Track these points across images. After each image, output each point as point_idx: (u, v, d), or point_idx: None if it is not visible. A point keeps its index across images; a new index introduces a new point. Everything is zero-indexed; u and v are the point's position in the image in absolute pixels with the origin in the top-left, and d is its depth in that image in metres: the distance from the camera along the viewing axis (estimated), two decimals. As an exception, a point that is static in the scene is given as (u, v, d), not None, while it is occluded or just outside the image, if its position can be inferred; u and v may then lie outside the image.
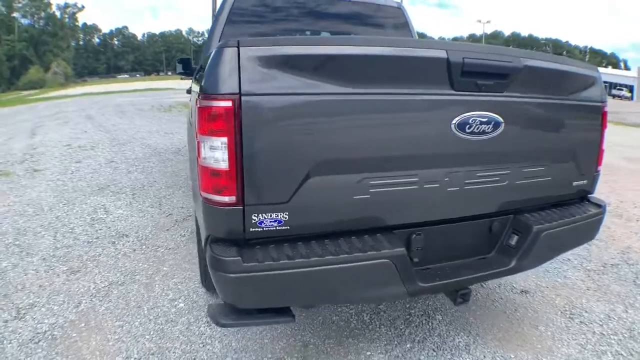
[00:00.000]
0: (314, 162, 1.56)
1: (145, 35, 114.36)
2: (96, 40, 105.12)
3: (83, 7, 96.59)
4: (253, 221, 1.55)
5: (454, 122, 1.71)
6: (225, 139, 1.47)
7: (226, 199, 1.52)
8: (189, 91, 4.13)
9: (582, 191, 2.33)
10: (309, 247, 1.62)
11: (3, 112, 18.57)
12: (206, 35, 4.19)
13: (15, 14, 78.21)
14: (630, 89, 49.43)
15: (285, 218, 1.57)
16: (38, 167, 6.69)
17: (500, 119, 1.81)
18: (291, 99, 1.51)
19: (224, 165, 1.49)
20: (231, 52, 1.44)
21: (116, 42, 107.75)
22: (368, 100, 1.60)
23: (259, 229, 1.56)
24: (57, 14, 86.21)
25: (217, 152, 1.49)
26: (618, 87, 49.04)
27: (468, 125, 1.74)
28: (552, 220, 2.09)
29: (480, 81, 1.74)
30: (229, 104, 1.45)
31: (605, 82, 2.43)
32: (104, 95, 25.92)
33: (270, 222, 1.56)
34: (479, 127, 1.76)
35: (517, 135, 1.91)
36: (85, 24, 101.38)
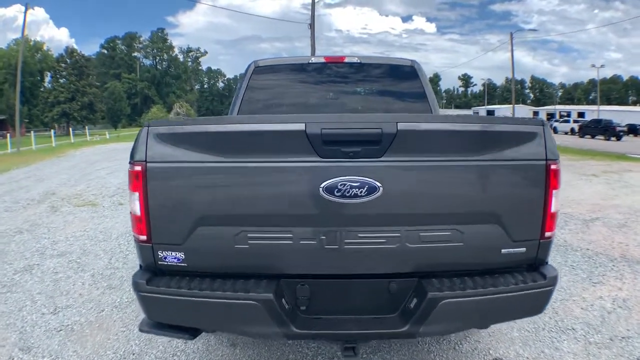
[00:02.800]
0: (200, 214, 2.08)
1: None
2: (220, 84, 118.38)
3: (206, 52, 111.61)
4: (160, 256, 2.14)
5: (322, 186, 2.00)
6: (137, 194, 2.09)
7: (142, 237, 2.13)
8: None
9: (525, 260, 2.22)
10: (200, 282, 2.12)
11: (116, 147, 22.36)
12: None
13: (135, 54, 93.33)
14: None
15: (182, 257, 2.13)
16: (124, 201, 8.41)
17: (377, 183, 2.00)
18: (183, 165, 2.07)
19: (139, 212, 2.10)
20: (144, 130, 2.09)
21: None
22: (241, 167, 2.07)
23: (165, 263, 2.15)
24: (180, 57, 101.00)
25: (135, 203, 2.11)
26: None
27: (337, 189, 2.00)
28: (458, 288, 2.09)
29: (345, 148, 2.01)
30: (139, 168, 2.07)
31: None
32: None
33: (172, 258, 2.14)
34: (349, 191, 2.00)
35: (403, 198, 2.06)
36: (209, 68, 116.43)
